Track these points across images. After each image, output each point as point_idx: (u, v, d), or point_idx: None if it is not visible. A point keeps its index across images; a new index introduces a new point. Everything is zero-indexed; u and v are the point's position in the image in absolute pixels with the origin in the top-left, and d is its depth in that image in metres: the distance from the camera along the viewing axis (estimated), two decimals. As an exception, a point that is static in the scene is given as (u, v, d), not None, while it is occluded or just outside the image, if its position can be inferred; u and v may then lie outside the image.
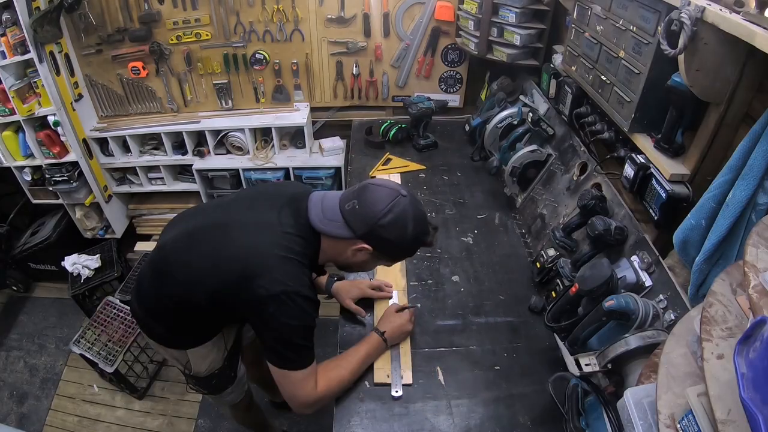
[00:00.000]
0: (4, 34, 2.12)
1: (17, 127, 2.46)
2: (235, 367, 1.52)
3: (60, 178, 2.53)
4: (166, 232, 1.31)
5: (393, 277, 1.61)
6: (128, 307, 2.38)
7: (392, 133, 2.31)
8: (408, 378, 1.31)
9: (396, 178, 2.07)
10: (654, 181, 1.26)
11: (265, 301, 1.06)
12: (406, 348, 1.40)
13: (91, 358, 2.22)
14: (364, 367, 1.31)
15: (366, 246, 1.15)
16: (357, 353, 1.30)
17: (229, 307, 1.18)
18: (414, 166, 2.18)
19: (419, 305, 1.53)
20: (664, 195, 1.22)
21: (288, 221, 1.16)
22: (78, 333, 2.30)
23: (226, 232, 1.17)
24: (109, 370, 2.17)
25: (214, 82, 2.52)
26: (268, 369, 1.18)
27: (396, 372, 1.32)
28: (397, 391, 1.28)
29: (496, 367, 1.36)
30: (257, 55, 2.41)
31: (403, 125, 2.34)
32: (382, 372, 1.32)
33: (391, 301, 1.52)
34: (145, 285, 1.30)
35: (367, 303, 1.52)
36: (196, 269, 1.16)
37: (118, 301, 2.44)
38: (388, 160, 2.22)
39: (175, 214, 2.95)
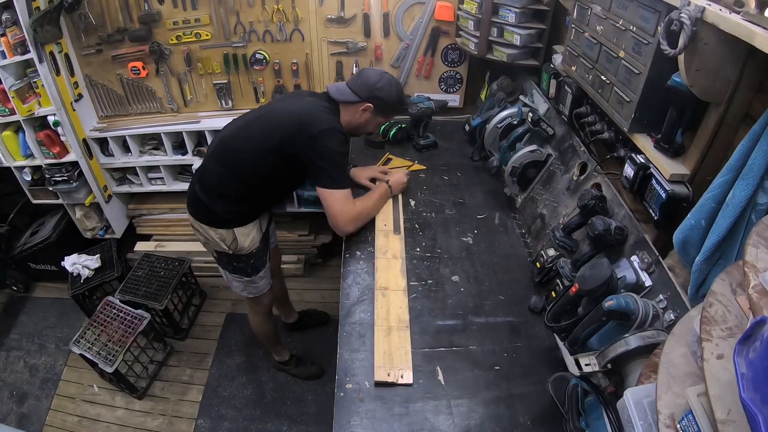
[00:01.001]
0: (4, 34, 2.12)
1: (17, 127, 2.46)
2: (266, 252, 1.92)
3: (60, 178, 2.53)
4: (222, 130, 1.76)
5: (393, 276, 1.61)
6: (128, 308, 2.39)
7: (392, 133, 2.31)
8: (408, 378, 1.30)
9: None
10: (654, 181, 1.26)
11: (319, 135, 1.56)
12: (406, 347, 1.39)
13: (91, 358, 2.22)
14: (380, 205, 1.84)
15: (369, 104, 1.71)
16: (374, 194, 1.83)
17: (292, 153, 1.60)
18: (415, 167, 2.18)
19: (414, 284, 1.64)
20: (664, 195, 1.22)
21: (316, 98, 1.72)
22: (78, 333, 2.30)
23: (275, 111, 1.72)
24: (109, 370, 2.17)
25: (214, 82, 2.52)
26: (282, 286, 1.85)
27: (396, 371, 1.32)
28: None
29: (496, 367, 1.36)
30: (257, 55, 2.41)
31: (403, 125, 2.34)
32: (382, 370, 1.32)
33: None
34: (212, 171, 1.70)
35: (365, 287, 1.60)
36: (258, 136, 1.63)
37: (118, 301, 2.44)
38: (389, 159, 2.22)
39: (176, 215, 2.96)
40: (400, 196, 1.95)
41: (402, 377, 1.30)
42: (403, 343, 1.40)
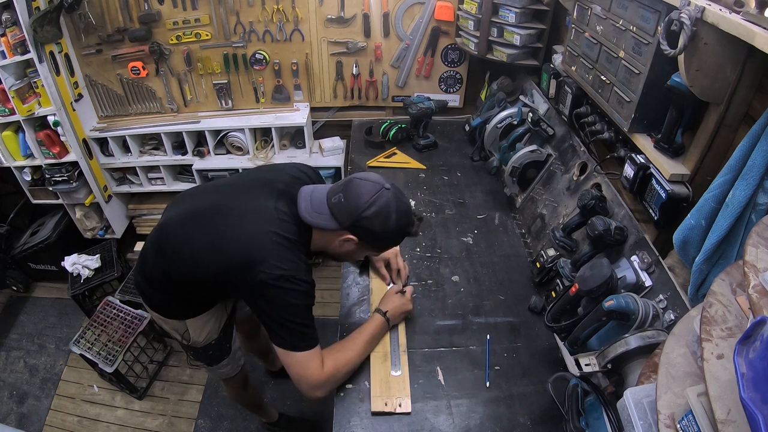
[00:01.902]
0: (4, 34, 2.12)
1: (17, 127, 2.46)
2: (230, 338, 1.60)
3: (60, 178, 2.53)
4: (169, 210, 1.37)
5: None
6: (128, 308, 2.39)
7: (392, 133, 2.31)
8: (407, 406, 1.25)
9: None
10: (654, 181, 1.26)
11: (266, 285, 1.12)
12: (404, 374, 1.33)
13: (91, 358, 2.22)
14: (370, 349, 1.36)
15: (351, 237, 1.23)
16: (362, 334, 1.34)
17: (232, 289, 1.28)
18: (415, 164, 2.18)
19: (415, 284, 1.58)
20: (664, 195, 1.22)
21: (284, 209, 1.23)
22: (78, 333, 2.30)
23: (227, 216, 1.23)
24: (109, 370, 2.17)
25: (214, 82, 2.52)
26: (263, 339, 1.31)
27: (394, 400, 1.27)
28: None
29: (496, 367, 1.36)
30: (257, 55, 2.41)
31: (403, 125, 2.34)
32: (379, 400, 1.25)
33: (390, 286, 1.57)
34: (149, 261, 1.35)
35: (365, 287, 1.57)
36: (200, 250, 1.22)
37: (118, 301, 2.43)
38: (393, 153, 2.23)
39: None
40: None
41: (400, 406, 1.25)
42: (402, 371, 1.32)
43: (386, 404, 1.25)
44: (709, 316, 0.70)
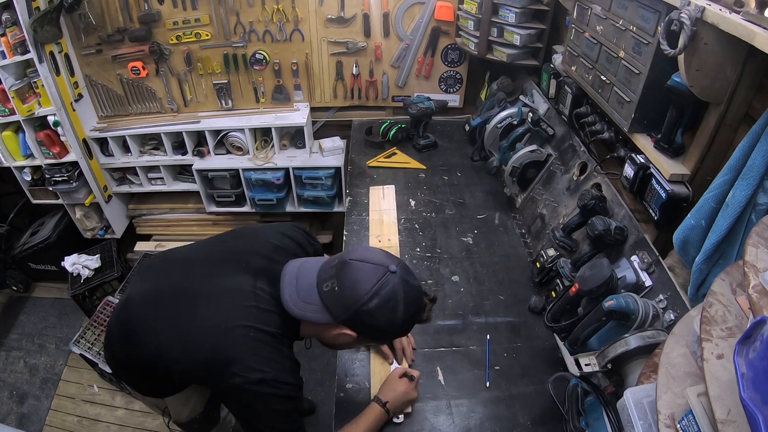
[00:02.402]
0: (4, 34, 2.12)
1: (17, 127, 2.46)
2: (218, 407, 1.44)
3: (60, 178, 2.53)
4: (133, 281, 1.24)
5: None
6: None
7: (392, 133, 2.31)
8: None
9: (390, 190, 1.96)
10: (654, 181, 1.26)
11: (242, 390, 0.95)
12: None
13: (90, 358, 2.22)
14: None
15: (349, 332, 1.02)
16: (357, 428, 1.15)
17: (206, 386, 1.11)
18: (415, 164, 2.18)
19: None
20: (664, 195, 1.22)
21: (263, 294, 1.02)
22: (78, 333, 2.30)
23: (194, 303, 1.03)
24: (109, 370, 2.17)
25: (214, 82, 2.51)
26: None
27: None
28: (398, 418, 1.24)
29: (496, 367, 1.36)
30: (257, 55, 2.41)
31: (403, 125, 2.34)
32: None
33: (393, 366, 1.36)
34: (116, 342, 1.17)
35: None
36: (165, 340, 1.04)
37: (117, 301, 2.43)
38: (393, 153, 2.22)
39: (176, 215, 2.96)
40: (393, 211, 1.63)
41: (399, 416, 1.24)
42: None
43: None
44: (709, 316, 0.70)
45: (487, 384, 1.31)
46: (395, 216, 1.90)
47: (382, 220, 1.86)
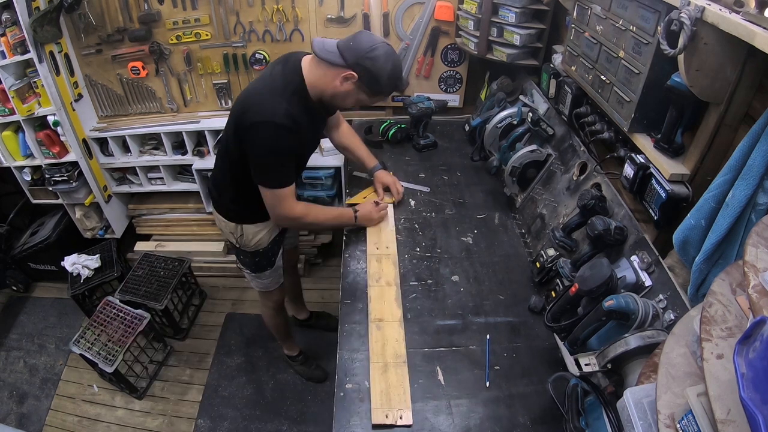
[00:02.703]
0: (4, 34, 2.12)
1: (17, 127, 2.46)
2: (276, 253, 1.85)
3: (60, 178, 2.53)
4: None
5: (388, 307, 1.51)
6: (128, 308, 2.39)
7: (392, 132, 2.31)
8: (408, 418, 1.22)
9: (390, 209, 1.91)
10: (654, 181, 1.26)
11: (252, 127, 1.40)
12: (405, 385, 1.29)
13: (90, 358, 2.22)
14: (333, 223, 1.79)
15: (353, 73, 1.43)
16: (332, 210, 1.84)
17: (241, 141, 1.48)
18: (388, 201, 1.97)
19: (414, 284, 1.62)
20: (664, 195, 1.22)
21: (276, 71, 1.51)
22: (78, 333, 2.30)
23: (246, 88, 1.57)
24: (109, 370, 2.17)
25: (213, 82, 2.51)
26: (295, 284, 1.98)
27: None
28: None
29: (496, 367, 1.36)
30: (257, 55, 2.41)
31: (403, 125, 2.34)
32: (380, 412, 1.23)
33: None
34: (216, 158, 1.72)
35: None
36: (231, 116, 1.52)
37: (117, 301, 2.44)
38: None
39: (176, 215, 2.95)
40: (391, 216, 1.85)
41: (401, 418, 1.22)
42: (401, 381, 1.30)
43: (387, 416, 1.22)
44: (709, 316, 0.70)
45: (487, 384, 1.31)
46: (393, 223, 1.85)
47: (380, 228, 1.82)
